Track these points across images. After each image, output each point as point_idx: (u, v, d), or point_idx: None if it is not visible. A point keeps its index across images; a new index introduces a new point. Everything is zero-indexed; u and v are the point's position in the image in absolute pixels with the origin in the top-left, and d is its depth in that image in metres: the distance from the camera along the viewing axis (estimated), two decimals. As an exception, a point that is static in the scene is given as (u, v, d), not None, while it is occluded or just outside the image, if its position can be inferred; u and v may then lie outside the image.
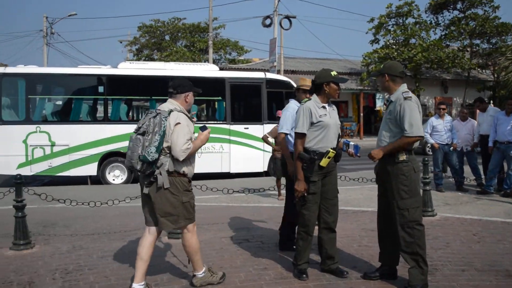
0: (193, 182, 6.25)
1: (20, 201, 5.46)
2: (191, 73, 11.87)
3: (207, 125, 4.33)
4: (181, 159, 3.78)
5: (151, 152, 3.66)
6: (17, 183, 5.47)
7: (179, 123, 3.79)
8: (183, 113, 3.91)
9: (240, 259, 4.98)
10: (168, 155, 3.81)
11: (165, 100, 4.06)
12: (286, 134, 5.09)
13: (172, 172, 3.83)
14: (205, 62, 27.54)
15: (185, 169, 3.90)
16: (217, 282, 4.18)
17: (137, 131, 3.79)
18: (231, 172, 11.97)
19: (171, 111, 3.82)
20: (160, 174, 3.78)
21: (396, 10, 27.49)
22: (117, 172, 11.53)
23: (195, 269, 4.15)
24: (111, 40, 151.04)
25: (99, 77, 11.67)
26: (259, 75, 12.91)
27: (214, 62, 28.26)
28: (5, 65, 12.01)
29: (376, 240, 4.44)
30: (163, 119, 3.73)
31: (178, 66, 12.56)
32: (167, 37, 35.00)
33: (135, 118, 15.24)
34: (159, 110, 3.86)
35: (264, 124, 11.98)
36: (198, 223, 6.55)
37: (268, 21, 25.21)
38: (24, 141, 10.97)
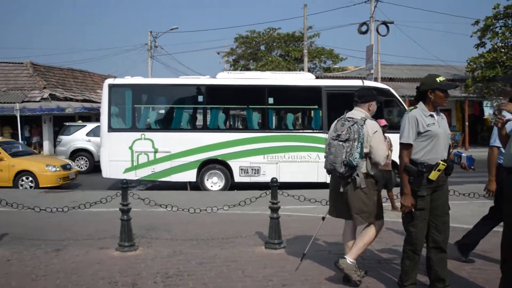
0: (290, 192, 6.19)
1: (126, 204, 5.73)
2: (287, 82, 11.86)
3: (303, 134, 4.48)
4: (382, 163, 4.30)
5: (355, 158, 4.11)
6: (123, 187, 5.75)
7: (376, 131, 4.24)
8: (374, 120, 4.31)
9: (340, 274, 4.75)
10: (364, 159, 4.21)
11: (261, 109, 4.21)
12: (498, 147, 4.71)
13: (366, 174, 4.25)
14: (299, 71, 27.53)
15: (375, 171, 4.33)
16: (356, 278, 4.26)
17: (337, 138, 4.22)
18: (328, 182, 11.66)
19: (364, 119, 4.25)
20: (358, 175, 4.18)
21: (505, 11, 25.34)
22: (215, 179, 11.77)
23: (350, 254, 4.34)
24: (209, 51, 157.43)
25: (199, 87, 12.06)
26: (357, 82, 12.54)
27: (309, 70, 28.16)
28: (114, 77, 12.89)
29: (492, 263, 4.01)
30: (361, 127, 4.15)
31: (274, 75, 12.59)
32: (262, 47, 35.58)
33: (232, 127, 15.56)
34: (353, 118, 4.25)
35: (362, 134, 11.57)
36: (295, 233, 6.47)
37: (364, 28, 24.58)
38: (130, 148, 11.63)
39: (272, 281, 4.60)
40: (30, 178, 12.27)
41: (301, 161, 11.46)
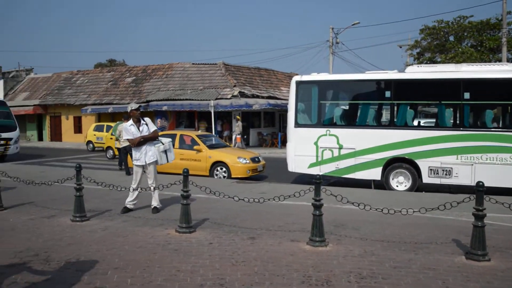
0: (496, 198, 5.51)
1: (318, 200, 5.78)
2: (487, 75, 10.66)
3: (506, 133, 3.74)
4: None
5: None
6: (317, 183, 5.82)
7: None
8: None
9: None
10: None
11: (455, 105, 3.64)
12: None
13: None
14: (495, 62, 24.69)
15: None
16: None
17: None
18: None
19: None
20: None
21: None
22: (401, 178, 11.21)
23: None
24: (390, 45, 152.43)
25: (386, 82, 11.59)
26: None
27: (507, 61, 25.08)
28: (297, 74, 13.13)
29: None
30: None
31: (472, 67, 11.38)
32: (451, 38, 32.92)
33: (422, 124, 14.70)
34: None
35: None
36: (499, 245, 5.80)
37: None
38: (315, 143, 11.80)
39: None
40: (224, 169, 13.35)
41: (502, 163, 10.19)
